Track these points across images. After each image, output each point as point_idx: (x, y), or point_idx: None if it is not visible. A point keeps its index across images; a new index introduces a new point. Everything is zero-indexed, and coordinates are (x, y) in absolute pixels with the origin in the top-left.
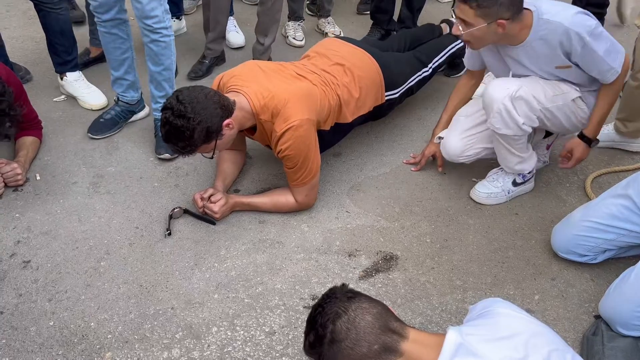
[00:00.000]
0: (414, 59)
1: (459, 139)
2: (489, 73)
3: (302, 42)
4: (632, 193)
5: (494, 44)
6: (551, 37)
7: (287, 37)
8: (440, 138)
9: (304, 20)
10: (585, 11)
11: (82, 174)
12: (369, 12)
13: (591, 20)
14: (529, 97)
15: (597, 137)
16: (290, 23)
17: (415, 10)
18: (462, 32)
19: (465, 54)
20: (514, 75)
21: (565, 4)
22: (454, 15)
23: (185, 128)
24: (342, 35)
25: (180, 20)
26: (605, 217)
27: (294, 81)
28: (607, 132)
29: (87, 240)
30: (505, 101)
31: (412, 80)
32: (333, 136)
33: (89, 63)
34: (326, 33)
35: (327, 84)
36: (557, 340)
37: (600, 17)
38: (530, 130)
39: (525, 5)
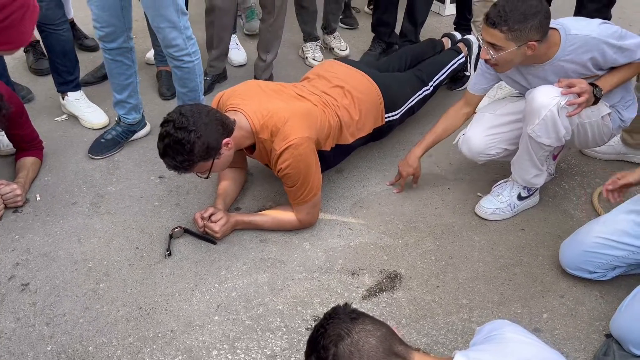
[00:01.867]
0: (415, 78)
1: (483, 135)
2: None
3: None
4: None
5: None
6: (581, 50)
7: (307, 58)
8: (462, 134)
9: (319, 39)
10: (605, 21)
11: (83, 194)
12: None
13: (614, 27)
14: (569, 108)
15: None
16: (308, 44)
17: (418, 24)
18: (492, 57)
19: (473, 80)
20: None
21: (586, 19)
22: (475, 33)
23: (186, 141)
24: (348, 50)
25: None
26: (616, 234)
27: (294, 101)
28: (613, 144)
29: (87, 262)
30: (554, 109)
31: (413, 100)
32: (334, 157)
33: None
34: (332, 48)
35: (327, 104)
36: None
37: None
38: (564, 142)
39: (550, 25)
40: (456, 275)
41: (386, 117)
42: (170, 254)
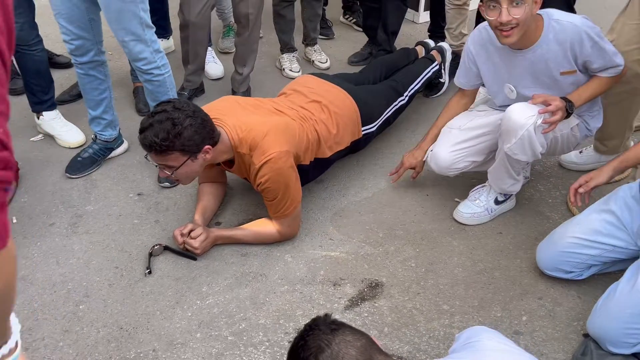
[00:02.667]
0: (390, 89)
1: (449, 151)
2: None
3: (300, 73)
4: (615, 208)
5: (496, 51)
6: (562, 36)
7: (284, 69)
8: (430, 150)
9: (297, 50)
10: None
11: (60, 215)
12: (356, 63)
13: (596, 27)
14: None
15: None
16: (285, 55)
17: (390, 33)
18: (514, 15)
19: (457, 73)
20: (517, 90)
21: (571, 13)
22: (449, 40)
23: (179, 122)
24: (329, 62)
25: (168, 39)
26: (589, 233)
27: (273, 115)
28: (588, 154)
29: (66, 284)
30: (531, 129)
31: (389, 112)
32: (313, 171)
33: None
34: (313, 61)
35: (305, 119)
36: None
37: None
38: (540, 156)
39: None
40: (436, 281)
41: (363, 130)
42: (150, 272)
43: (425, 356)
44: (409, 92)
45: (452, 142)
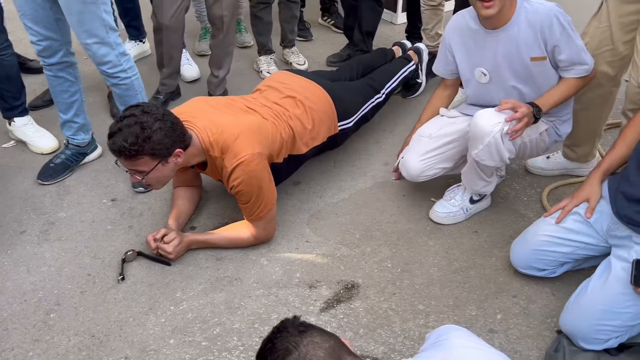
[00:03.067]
0: (366, 86)
1: (419, 160)
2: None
3: None
4: (583, 207)
5: (471, 34)
6: (533, 17)
7: (261, 71)
8: (401, 157)
9: (274, 52)
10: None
11: (32, 222)
12: (334, 64)
13: (569, 16)
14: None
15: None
16: (262, 57)
17: (365, 34)
18: None
19: (435, 60)
20: (489, 75)
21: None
22: (426, 41)
23: (147, 126)
24: (306, 64)
25: (144, 43)
26: (560, 231)
27: (244, 115)
28: (556, 160)
29: (36, 292)
30: (497, 136)
31: (366, 108)
32: (287, 168)
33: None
34: (291, 63)
35: (278, 116)
36: None
37: None
38: (509, 161)
39: None
40: (412, 281)
41: (340, 126)
42: (123, 279)
43: (400, 356)
44: (386, 89)
45: (422, 151)
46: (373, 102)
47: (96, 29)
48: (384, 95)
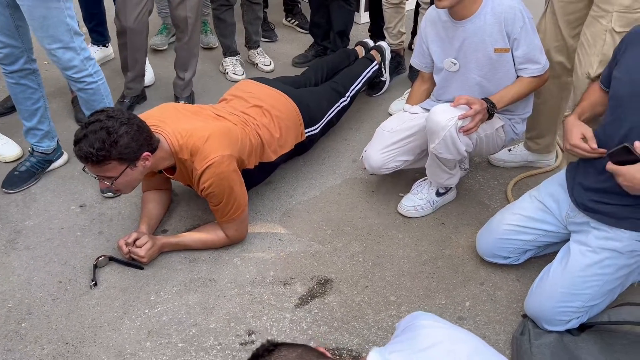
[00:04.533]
0: (331, 90)
1: (380, 153)
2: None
3: (244, 76)
4: (543, 196)
5: (442, 25)
6: (499, 9)
7: (227, 73)
8: (365, 151)
9: (239, 54)
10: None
11: None
12: (300, 64)
13: (530, 14)
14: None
15: (495, 108)
16: (228, 59)
17: (336, 34)
18: None
19: (413, 54)
20: (459, 64)
21: None
22: (388, 39)
23: (113, 130)
24: (272, 65)
25: (107, 47)
26: (522, 220)
27: (213, 121)
28: (518, 152)
29: (6, 302)
30: (452, 130)
31: (331, 113)
32: (259, 174)
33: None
34: (257, 64)
35: (247, 124)
36: (479, 345)
37: None
38: (466, 154)
39: None
40: (383, 274)
41: (306, 132)
42: (95, 284)
43: (374, 347)
44: (350, 92)
45: (383, 145)
46: (338, 106)
47: (61, 34)
48: (348, 99)
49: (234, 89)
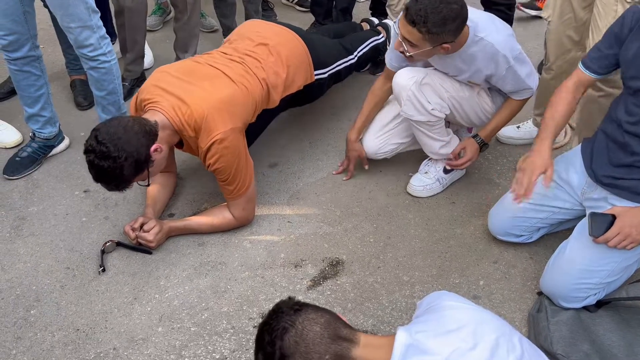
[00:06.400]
0: (340, 45)
1: (374, 137)
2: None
3: None
4: (556, 173)
5: None
6: (481, 55)
7: None
8: (361, 137)
9: None
10: (513, 34)
11: (1, 218)
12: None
13: (517, 45)
14: (435, 84)
15: (488, 143)
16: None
17: (340, 11)
18: (406, 52)
19: (388, 50)
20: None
21: (499, 24)
22: (392, 17)
23: (112, 168)
24: None
25: (113, 44)
26: (536, 197)
27: (211, 86)
28: (527, 129)
29: (14, 289)
30: (413, 88)
31: (340, 64)
32: (257, 124)
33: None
34: None
35: (248, 72)
36: (503, 326)
37: (509, 19)
38: (442, 115)
39: None
40: (395, 254)
41: (315, 74)
42: (104, 270)
43: (390, 327)
44: (358, 52)
45: (376, 129)
46: (347, 61)
47: (80, 12)
48: (356, 58)
49: (241, 28)
